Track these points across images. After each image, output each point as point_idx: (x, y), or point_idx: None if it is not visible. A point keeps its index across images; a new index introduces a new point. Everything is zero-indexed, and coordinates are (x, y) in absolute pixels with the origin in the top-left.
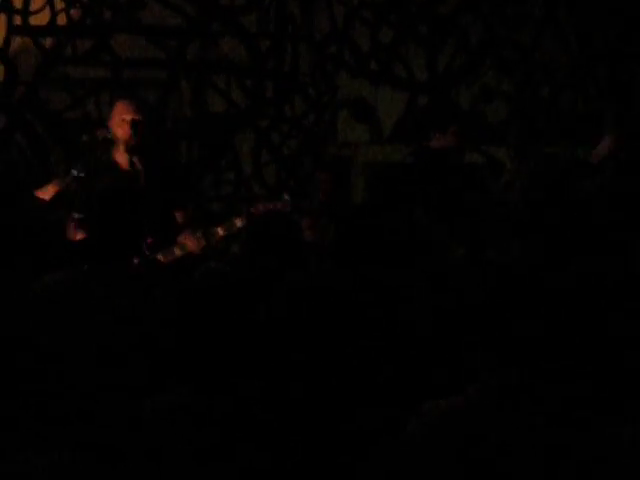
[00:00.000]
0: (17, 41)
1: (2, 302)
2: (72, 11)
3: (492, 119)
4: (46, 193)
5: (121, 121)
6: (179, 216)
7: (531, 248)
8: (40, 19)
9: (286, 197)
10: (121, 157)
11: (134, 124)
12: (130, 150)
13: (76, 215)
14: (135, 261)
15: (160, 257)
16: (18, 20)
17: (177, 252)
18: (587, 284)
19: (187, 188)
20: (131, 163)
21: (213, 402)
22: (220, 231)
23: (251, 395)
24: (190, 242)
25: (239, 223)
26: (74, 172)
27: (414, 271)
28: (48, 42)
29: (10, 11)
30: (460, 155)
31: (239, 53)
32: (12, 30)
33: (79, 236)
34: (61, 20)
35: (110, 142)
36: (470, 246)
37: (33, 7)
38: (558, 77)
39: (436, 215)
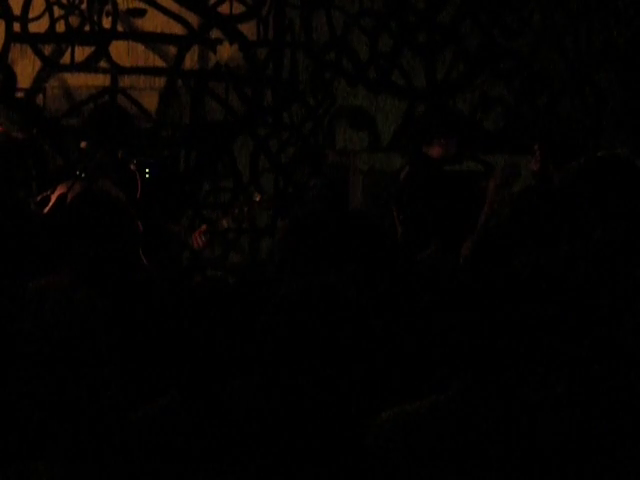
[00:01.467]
0: (16, 48)
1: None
2: (71, 18)
3: (489, 127)
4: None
5: None
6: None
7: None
8: (39, 26)
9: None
10: None
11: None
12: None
13: None
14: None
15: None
16: (17, 27)
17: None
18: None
19: (184, 195)
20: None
21: (206, 408)
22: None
23: (249, 404)
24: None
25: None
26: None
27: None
28: (47, 49)
29: (9, 18)
30: (457, 163)
31: (238, 61)
32: (11, 37)
33: None
34: (60, 27)
35: None
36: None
37: (32, 14)
38: (556, 85)
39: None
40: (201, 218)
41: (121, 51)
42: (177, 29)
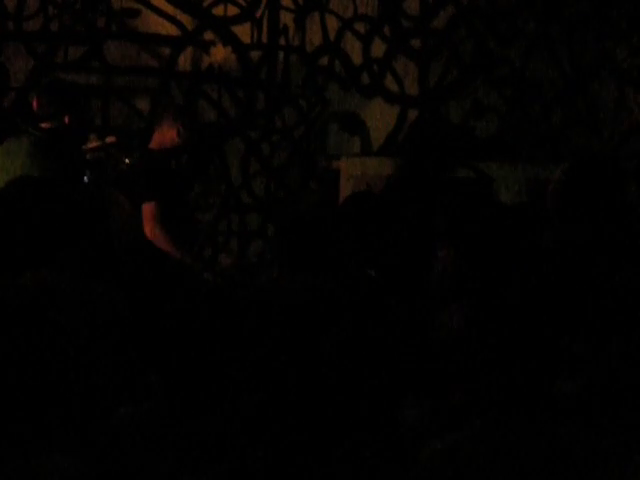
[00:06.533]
0: (10, 46)
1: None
2: (65, 17)
3: (482, 134)
4: None
5: None
6: None
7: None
8: (33, 25)
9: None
10: None
11: None
12: None
13: None
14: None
15: None
16: (11, 25)
17: None
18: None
19: (177, 196)
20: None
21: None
22: None
23: (232, 410)
24: None
25: None
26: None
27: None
28: (40, 48)
29: (3, 16)
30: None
31: (231, 63)
32: (5, 35)
33: None
34: (54, 26)
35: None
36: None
37: (26, 12)
38: (549, 93)
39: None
40: (191, 220)
41: (114, 51)
42: (171, 30)
